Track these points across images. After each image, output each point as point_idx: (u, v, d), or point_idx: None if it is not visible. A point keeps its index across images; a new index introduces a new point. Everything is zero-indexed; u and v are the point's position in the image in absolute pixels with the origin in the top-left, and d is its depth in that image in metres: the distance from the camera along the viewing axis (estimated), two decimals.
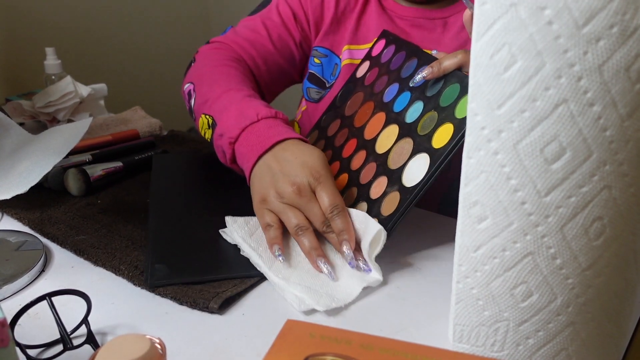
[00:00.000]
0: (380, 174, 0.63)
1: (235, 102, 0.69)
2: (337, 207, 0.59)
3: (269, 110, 0.67)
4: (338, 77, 0.86)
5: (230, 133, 0.66)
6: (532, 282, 0.41)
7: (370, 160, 0.65)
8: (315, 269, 0.58)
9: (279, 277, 0.56)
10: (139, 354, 0.35)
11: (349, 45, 0.86)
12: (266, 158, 0.63)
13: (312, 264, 0.58)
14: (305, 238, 0.59)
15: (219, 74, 0.77)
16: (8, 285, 0.56)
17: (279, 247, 0.59)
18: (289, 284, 0.55)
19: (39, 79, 1.19)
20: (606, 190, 0.38)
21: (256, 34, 0.87)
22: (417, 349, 0.36)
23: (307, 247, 0.59)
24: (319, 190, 0.60)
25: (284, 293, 0.55)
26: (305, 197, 0.60)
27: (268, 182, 0.62)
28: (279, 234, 0.60)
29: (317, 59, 0.88)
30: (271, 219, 0.60)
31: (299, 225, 0.59)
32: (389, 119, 0.66)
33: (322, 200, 0.59)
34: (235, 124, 0.66)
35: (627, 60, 0.34)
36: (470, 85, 0.39)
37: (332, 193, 0.60)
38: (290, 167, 0.61)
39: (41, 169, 0.70)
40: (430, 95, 0.63)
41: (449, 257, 0.62)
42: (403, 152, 0.62)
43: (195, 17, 2.10)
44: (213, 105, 0.72)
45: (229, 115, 0.68)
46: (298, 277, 0.57)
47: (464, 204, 0.42)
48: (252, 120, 0.66)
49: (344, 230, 0.58)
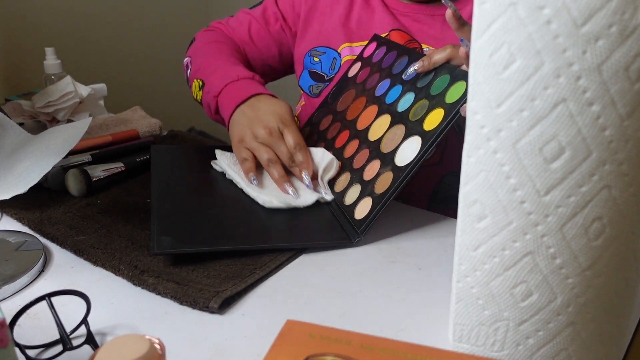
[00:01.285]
0: (374, 158, 0.68)
1: (221, 67, 0.85)
2: (299, 144, 0.73)
3: (248, 72, 0.82)
4: (339, 73, 0.90)
5: (215, 88, 0.82)
6: (531, 282, 0.41)
7: (363, 148, 0.71)
8: (282, 191, 0.71)
9: (254, 191, 0.70)
10: (139, 354, 0.35)
11: (349, 43, 0.90)
12: (243, 107, 0.77)
13: (280, 187, 0.72)
14: (275, 169, 0.72)
15: (213, 49, 0.92)
16: (8, 285, 0.56)
17: (253, 174, 0.72)
18: (261, 194, 0.69)
19: (38, 79, 1.19)
20: (606, 189, 0.38)
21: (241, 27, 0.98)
22: (417, 349, 0.36)
23: (276, 175, 0.72)
24: (285, 132, 0.73)
25: (257, 199, 0.69)
26: (275, 137, 0.73)
27: (245, 125, 0.75)
28: (253, 165, 0.73)
29: (316, 58, 0.93)
30: (247, 154, 0.74)
31: (269, 159, 0.73)
32: (381, 110, 0.73)
33: (288, 140, 0.73)
34: (219, 82, 0.82)
35: (626, 60, 0.34)
36: (469, 84, 0.39)
37: (296, 134, 0.73)
38: (263, 114, 0.75)
39: (41, 170, 0.70)
40: (421, 86, 0.68)
41: (449, 257, 0.62)
42: (395, 138, 0.67)
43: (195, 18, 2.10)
44: (204, 71, 0.87)
45: (215, 76, 0.83)
46: (269, 191, 0.70)
47: (463, 202, 0.42)
48: (233, 79, 0.81)
49: (303, 162, 0.72)
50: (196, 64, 0.90)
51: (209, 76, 0.84)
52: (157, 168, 0.77)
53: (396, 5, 0.88)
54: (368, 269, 0.60)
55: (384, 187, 0.64)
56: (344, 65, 0.89)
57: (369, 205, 0.64)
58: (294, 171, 0.73)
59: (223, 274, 0.58)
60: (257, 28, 0.96)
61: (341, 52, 0.90)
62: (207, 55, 0.90)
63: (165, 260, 0.60)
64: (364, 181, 0.67)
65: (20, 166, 0.73)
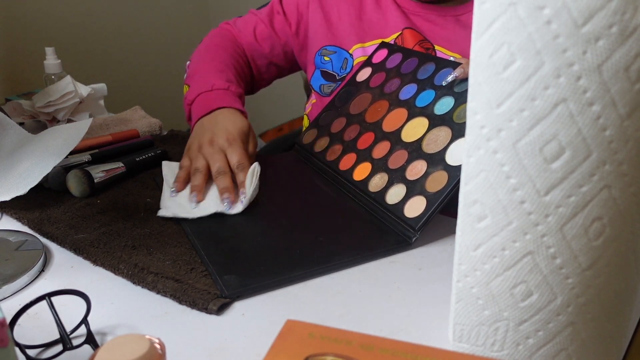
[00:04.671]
0: (415, 158, 0.69)
1: (205, 75, 0.87)
2: (242, 164, 0.73)
3: (224, 83, 0.85)
4: (351, 73, 0.91)
5: (190, 97, 0.85)
6: (531, 282, 0.41)
7: (398, 149, 0.72)
8: (189, 198, 0.72)
9: (166, 199, 0.72)
10: (139, 354, 0.35)
11: (361, 44, 0.92)
12: (204, 119, 0.80)
13: (189, 196, 0.72)
14: (196, 177, 0.73)
15: (209, 53, 0.94)
16: (8, 285, 0.56)
17: (179, 184, 0.74)
18: (172, 206, 0.71)
19: (38, 78, 1.19)
20: (606, 189, 0.38)
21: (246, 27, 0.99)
22: (417, 349, 0.36)
23: (195, 183, 0.73)
24: (229, 151, 0.74)
25: (162, 205, 0.71)
26: (215, 150, 0.75)
27: (196, 136, 0.79)
28: (185, 175, 0.75)
29: (326, 57, 0.95)
30: (186, 162, 0.76)
31: (197, 168, 0.74)
32: (413, 113, 0.74)
33: (232, 158, 0.74)
34: (195, 91, 0.85)
35: (627, 60, 0.34)
36: (469, 84, 0.39)
37: (240, 154, 0.74)
38: (216, 128, 0.77)
39: (41, 170, 0.70)
40: (459, 91, 0.71)
41: (449, 257, 0.62)
42: (439, 139, 0.69)
43: (195, 17, 2.10)
44: (191, 77, 0.90)
45: (194, 84, 0.86)
46: (180, 202, 0.72)
47: (463, 202, 0.42)
48: (207, 89, 0.84)
49: (243, 181, 0.72)
50: (191, 68, 0.93)
51: (192, 82, 0.88)
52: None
53: (407, 5, 0.89)
54: (368, 269, 0.60)
55: (438, 186, 0.64)
56: (356, 66, 0.91)
57: (423, 203, 0.64)
58: (216, 182, 0.73)
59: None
60: (262, 28, 0.98)
61: (353, 53, 0.92)
62: (202, 60, 0.93)
63: (165, 259, 0.60)
64: (408, 180, 0.67)
65: (20, 167, 0.73)
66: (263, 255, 0.61)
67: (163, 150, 0.89)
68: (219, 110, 0.80)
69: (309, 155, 0.84)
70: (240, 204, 0.70)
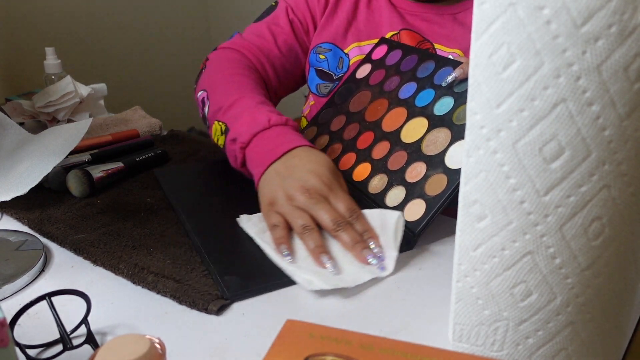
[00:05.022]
0: (415, 160, 0.68)
1: (247, 108, 0.72)
2: (355, 210, 0.61)
3: (280, 117, 0.70)
4: (347, 72, 0.89)
5: (242, 138, 0.70)
6: (531, 282, 0.41)
7: (397, 149, 0.71)
8: (318, 264, 0.58)
9: (290, 266, 0.58)
10: (139, 354, 0.35)
11: (357, 42, 0.90)
12: (276, 165, 0.66)
13: (315, 260, 0.58)
14: (310, 237, 0.60)
15: (232, 82, 0.80)
16: (8, 285, 0.56)
17: (285, 246, 0.59)
18: (299, 271, 0.57)
19: (38, 78, 1.19)
20: (605, 189, 0.38)
21: (263, 40, 0.90)
22: (417, 349, 0.36)
23: (312, 245, 0.59)
24: (332, 197, 0.62)
25: (294, 277, 0.56)
26: (314, 199, 0.61)
27: (277, 186, 0.64)
28: (285, 233, 0.61)
29: (321, 55, 0.91)
30: (277, 219, 0.62)
31: (304, 225, 0.60)
32: (412, 113, 0.73)
33: (338, 206, 0.61)
34: (248, 130, 0.69)
35: (626, 60, 0.34)
36: (469, 84, 0.39)
37: (347, 198, 0.62)
38: (300, 173, 0.63)
39: (41, 170, 0.70)
40: (459, 91, 0.70)
41: (449, 257, 0.62)
42: (438, 141, 0.68)
43: (195, 17, 2.10)
44: (227, 112, 0.74)
45: (242, 122, 0.71)
46: (306, 266, 0.58)
47: (463, 202, 0.42)
48: (264, 127, 0.69)
49: (366, 231, 0.60)
50: (214, 101, 0.78)
51: (234, 120, 0.72)
52: (175, 196, 0.74)
53: (403, 5, 0.88)
54: None
55: (437, 189, 0.63)
56: (352, 66, 0.89)
57: (423, 207, 0.63)
58: (340, 238, 0.60)
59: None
60: (283, 36, 0.91)
61: (349, 52, 0.90)
62: (227, 90, 0.78)
63: (165, 259, 0.60)
64: (408, 183, 0.67)
65: (20, 167, 0.73)
66: (264, 257, 0.61)
67: (163, 150, 0.89)
68: (291, 151, 0.67)
69: None
70: (390, 260, 0.59)
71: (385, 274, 0.58)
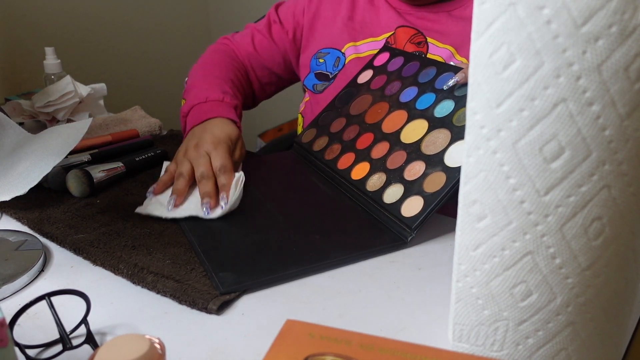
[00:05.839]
0: (414, 159, 0.69)
1: (201, 89, 0.88)
2: (224, 167, 0.73)
3: (218, 95, 0.86)
4: (342, 70, 0.93)
5: (184, 109, 0.87)
6: (531, 282, 0.41)
7: (396, 149, 0.72)
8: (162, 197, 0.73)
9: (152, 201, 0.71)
10: (139, 354, 0.35)
11: (353, 42, 0.93)
12: (195, 128, 0.81)
13: (161, 194, 0.74)
14: (178, 181, 0.73)
15: (207, 68, 0.95)
16: (7, 285, 0.56)
17: (159, 188, 0.74)
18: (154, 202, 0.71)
19: (38, 78, 1.19)
20: (605, 189, 0.38)
21: (252, 41, 1.00)
22: (417, 349, 0.36)
23: (176, 187, 0.72)
24: (213, 155, 0.75)
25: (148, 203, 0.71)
26: (198, 153, 0.75)
27: (187, 141, 0.79)
28: (168, 178, 0.75)
29: (321, 59, 0.96)
30: (173, 166, 0.76)
31: (180, 172, 0.74)
32: (413, 115, 0.74)
33: (214, 162, 0.74)
34: (190, 103, 0.86)
35: (626, 60, 0.34)
36: (469, 84, 0.39)
37: (224, 157, 0.74)
38: (202, 134, 0.78)
39: (40, 170, 0.70)
40: (459, 95, 0.71)
41: (449, 257, 0.62)
42: (438, 141, 0.69)
43: (195, 17, 2.10)
44: (190, 91, 0.90)
45: (190, 97, 0.88)
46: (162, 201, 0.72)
47: (463, 202, 0.42)
48: (201, 101, 0.85)
49: (225, 185, 0.72)
50: (188, 83, 0.93)
51: (187, 97, 0.89)
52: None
53: (399, 5, 0.91)
54: (367, 269, 0.60)
55: (436, 187, 0.64)
56: (348, 64, 0.92)
57: (421, 203, 0.64)
58: (199, 186, 0.72)
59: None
60: (260, 38, 0.99)
61: (345, 51, 0.93)
62: (199, 75, 0.93)
63: (165, 259, 0.60)
64: (406, 181, 0.68)
65: (20, 167, 0.73)
66: (259, 253, 0.61)
67: (163, 150, 0.89)
68: (211, 119, 0.81)
69: (308, 154, 0.85)
70: (219, 209, 0.69)
71: (207, 216, 0.68)
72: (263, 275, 0.57)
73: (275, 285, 0.57)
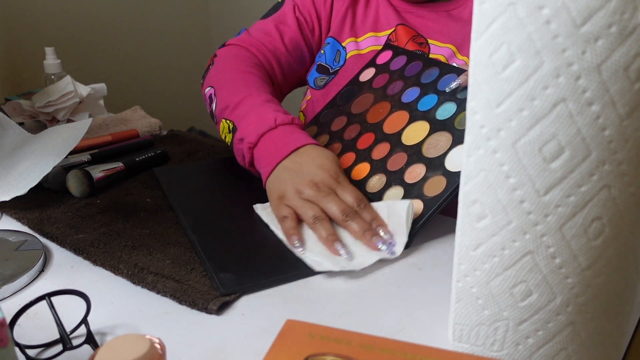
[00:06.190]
0: (415, 161, 0.69)
1: (254, 107, 0.74)
2: (362, 201, 0.64)
3: (287, 116, 0.72)
4: (344, 66, 0.90)
5: (250, 138, 0.71)
6: (531, 281, 0.41)
7: (397, 151, 0.72)
8: (332, 252, 0.60)
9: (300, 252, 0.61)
10: (139, 354, 0.35)
11: (354, 37, 0.91)
12: (284, 163, 0.68)
13: (329, 248, 0.61)
14: (322, 226, 0.62)
15: (239, 79, 0.81)
16: (7, 285, 0.56)
17: (296, 237, 0.61)
18: (308, 252, 0.60)
19: (38, 78, 1.19)
20: (605, 189, 0.38)
21: (269, 37, 0.92)
22: (417, 349, 0.36)
23: (324, 234, 0.61)
24: (339, 189, 0.65)
25: (304, 259, 0.59)
26: (323, 192, 0.64)
27: (286, 181, 0.66)
28: (295, 224, 0.63)
29: (322, 50, 0.94)
30: (287, 211, 0.64)
31: (315, 216, 0.62)
32: (414, 116, 0.74)
33: (346, 198, 0.64)
34: (255, 130, 0.71)
35: (626, 60, 0.34)
36: (469, 84, 0.39)
37: (353, 190, 0.65)
38: (308, 168, 0.66)
39: (40, 170, 0.70)
40: (462, 97, 0.70)
41: (449, 257, 0.62)
42: (439, 144, 0.68)
43: (195, 17, 2.10)
44: (234, 110, 0.76)
45: (249, 121, 0.72)
46: (317, 250, 0.61)
47: (463, 202, 0.42)
48: (271, 127, 0.71)
49: (374, 219, 0.63)
50: (222, 98, 0.80)
51: (241, 119, 0.74)
52: (173, 195, 0.75)
53: (398, 3, 0.90)
54: (367, 269, 0.60)
55: (436, 191, 0.64)
56: (349, 61, 0.90)
57: (421, 207, 0.64)
58: (349, 228, 0.62)
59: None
60: (289, 34, 0.92)
61: (346, 46, 0.92)
62: (235, 88, 0.80)
63: (165, 259, 0.60)
64: (406, 183, 0.67)
65: (20, 167, 0.73)
66: (260, 255, 0.61)
67: (163, 150, 0.89)
68: (298, 150, 0.69)
69: None
70: (399, 246, 0.61)
71: (393, 257, 0.60)
72: (263, 277, 0.57)
73: (275, 286, 0.57)
